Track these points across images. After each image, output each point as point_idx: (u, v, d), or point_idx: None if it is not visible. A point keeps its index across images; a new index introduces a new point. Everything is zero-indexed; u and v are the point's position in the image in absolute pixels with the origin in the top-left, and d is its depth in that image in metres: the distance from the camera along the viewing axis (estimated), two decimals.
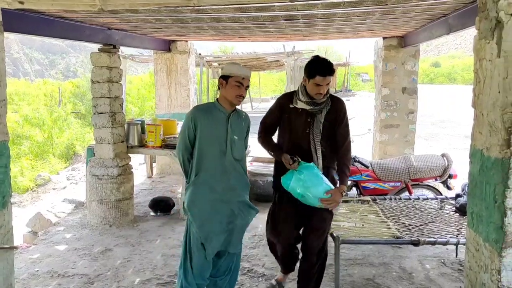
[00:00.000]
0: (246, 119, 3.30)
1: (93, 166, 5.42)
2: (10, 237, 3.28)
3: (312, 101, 3.22)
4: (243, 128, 3.24)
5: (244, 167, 3.27)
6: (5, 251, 3.19)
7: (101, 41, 5.29)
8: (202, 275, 3.17)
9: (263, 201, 6.27)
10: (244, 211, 3.25)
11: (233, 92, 3.05)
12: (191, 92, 7.97)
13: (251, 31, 5.47)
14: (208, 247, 3.10)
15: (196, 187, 3.10)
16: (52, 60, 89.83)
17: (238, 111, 3.24)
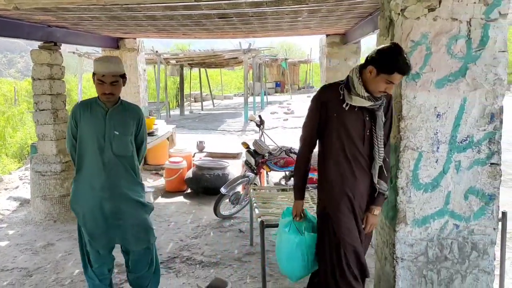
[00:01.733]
0: (134, 112, 3.14)
1: (36, 163, 5.46)
2: None
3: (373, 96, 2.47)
4: (127, 123, 3.08)
5: (132, 163, 3.14)
6: None
7: (41, 39, 5.33)
8: (101, 270, 3.22)
9: (210, 194, 6.46)
10: (133, 209, 3.12)
11: (98, 90, 2.95)
12: (141, 89, 8.05)
13: (191, 28, 5.63)
14: (94, 244, 3.11)
15: (77, 184, 3.08)
16: (10, 59, 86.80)
17: (124, 104, 3.12)
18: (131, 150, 3.13)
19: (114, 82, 2.93)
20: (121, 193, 3.07)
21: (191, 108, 20.51)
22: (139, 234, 3.17)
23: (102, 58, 3.02)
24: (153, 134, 6.76)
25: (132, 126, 3.12)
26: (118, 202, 3.07)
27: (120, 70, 2.99)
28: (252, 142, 5.36)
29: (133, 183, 3.15)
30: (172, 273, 4.15)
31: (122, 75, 3.00)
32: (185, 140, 9.98)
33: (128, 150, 3.11)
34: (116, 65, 2.96)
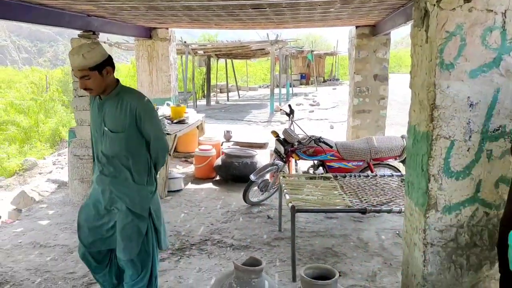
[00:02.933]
0: (127, 102, 2.72)
1: (75, 147, 5.71)
2: None
3: None
4: (119, 116, 2.72)
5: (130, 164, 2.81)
6: None
7: (80, 27, 5.54)
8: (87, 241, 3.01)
9: (238, 181, 6.61)
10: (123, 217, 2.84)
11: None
12: (172, 78, 8.24)
13: (224, 19, 5.75)
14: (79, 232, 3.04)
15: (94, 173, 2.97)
16: (40, 48, 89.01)
17: (120, 93, 2.76)
18: (127, 149, 2.78)
19: (84, 76, 2.62)
20: (113, 198, 2.85)
21: (217, 98, 20.72)
22: (123, 244, 2.86)
23: (71, 50, 2.66)
24: (184, 122, 6.94)
25: (125, 119, 2.72)
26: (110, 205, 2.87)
27: (88, 63, 2.58)
28: (282, 131, 5.48)
29: (130, 188, 2.84)
30: (204, 254, 4.32)
31: (94, 67, 2.61)
32: (212, 129, 10.16)
33: (122, 150, 2.77)
34: (81, 59, 2.57)
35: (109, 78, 2.71)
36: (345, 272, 3.93)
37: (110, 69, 2.70)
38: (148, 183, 2.90)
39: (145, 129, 2.79)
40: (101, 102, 2.78)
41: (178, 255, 4.31)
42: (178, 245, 4.53)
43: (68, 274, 3.91)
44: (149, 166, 2.90)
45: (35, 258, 4.23)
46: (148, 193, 2.89)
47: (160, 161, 2.97)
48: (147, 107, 2.80)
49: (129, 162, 2.81)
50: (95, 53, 2.62)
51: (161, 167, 3.07)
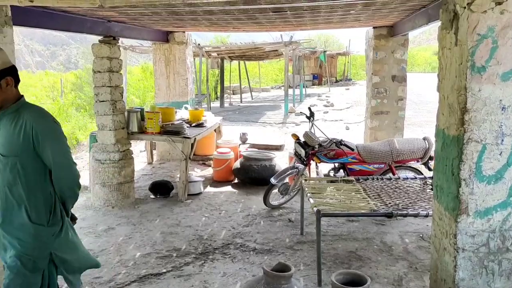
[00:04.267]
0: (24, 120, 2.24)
1: (96, 151, 5.76)
2: None
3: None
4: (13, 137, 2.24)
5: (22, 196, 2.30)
6: None
7: (101, 33, 5.59)
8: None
9: (257, 184, 6.62)
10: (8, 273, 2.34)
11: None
12: (189, 81, 8.28)
13: (243, 22, 5.77)
14: None
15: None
16: (53, 52, 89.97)
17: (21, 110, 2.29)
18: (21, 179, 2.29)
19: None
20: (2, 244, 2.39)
21: (230, 100, 20.75)
22: None
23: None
24: (202, 125, 6.96)
25: (19, 141, 2.24)
26: None
27: None
28: (303, 134, 5.46)
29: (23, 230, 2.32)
30: (228, 259, 4.33)
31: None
32: (226, 131, 10.17)
33: (15, 179, 2.28)
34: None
35: (9, 91, 2.27)
36: (371, 276, 3.90)
37: (11, 80, 2.28)
38: (50, 223, 2.36)
39: (44, 154, 2.27)
40: None
41: (202, 259, 4.32)
42: (201, 249, 4.54)
43: (95, 279, 3.94)
44: (53, 202, 2.37)
45: None
46: (48, 236, 2.35)
47: (68, 195, 2.43)
48: (48, 127, 2.30)
49: (23, 195, 2.30)
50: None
51: (73, 203, 2.53)
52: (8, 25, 3.37)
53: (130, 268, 4.14)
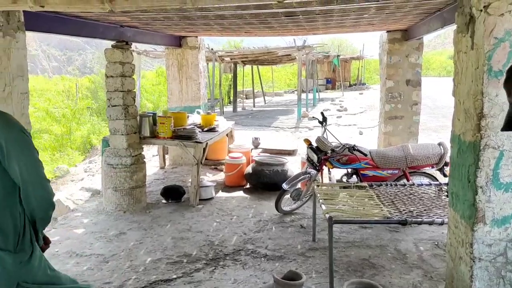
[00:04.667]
0: None
1: (108, 156, 5.77)
2: None
3: None
4: None
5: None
6: None
7: (114, 38, 5.62)
8: None
9: (269, 189, 6.57)
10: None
11: None
12: (202, 86, 8.28)
13: (255, 26, 5.74)
14: None
15: None
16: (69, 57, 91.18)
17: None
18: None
19: None
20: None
21: (243, 105, 20.76)
22: None
23: None
24: (214, 130, 6.94)
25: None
26: None
27: None
28: (315, 139, 5.40)
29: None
30: (239, 265, 4.28)
31: None
32: (239, 136, 10.15)
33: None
34: None
35: None
36: (385, 285, 3.82)
37: None
38: (18, 249, 2.06)
39: (10, 169, 1.98)
40: None
41: (212, 265, 4.28)
42: (212, 255, 4.50)
43: (105, 284, 3.93)
44: (22, 225, 2.09)
45: (72, 267, 4.27)
46: (15, 264, 2.05)
47: (39, 217, 2.13)
48: (15, 137, 2.02)
49: None
50: None
51: (45, 226, 2.22)
52: (20, 30, 3.39)
53: (140, 274, 4.12)
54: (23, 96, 3.44)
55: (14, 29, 3.32)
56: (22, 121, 3.43)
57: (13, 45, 3.31)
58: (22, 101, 3.44)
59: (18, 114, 3.38)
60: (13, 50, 3.30)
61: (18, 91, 3.38)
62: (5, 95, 3.26)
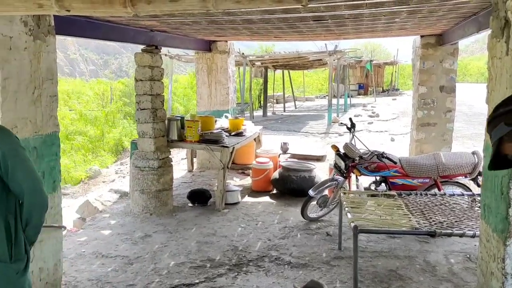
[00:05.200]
0: None
1: (136, 159, 5.84)
2: (59, 217, 3.70)
3: None
4: None
5: None
6: (54, 229, 3.61)
7: (144, 42, 5.69)
8: None
9: (295, 195, 6.49)
10: None
11: None
12: (230, 90, 8.29)
13: (284, 31, 5.69)
14: None
15: None
16: (106, 61, 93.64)
17: None
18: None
19: None
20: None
21: (273, 109, 20.71)
22: None
23: None
24: (241, 135, 6.93)
25: None
26: None
27: None
28: (343, 146, 5.30)
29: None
30: (262, 272, 4.23)
31: None
32: (268, 141, 10.11)
33: None
34: None
35: None
36: None
37: None
38: (14, 259, 2.03)
39: (14, 179, 1.99)
40: None
41: (235, 271, 4.24)
42: (235, 261, 4.47)
43: (128, 286, 3.95)
44: (12, 232, 2.04)
45: (97, 268, 4.33)
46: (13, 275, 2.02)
47: (36, 224, 2.11)
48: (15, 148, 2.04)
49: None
50: None
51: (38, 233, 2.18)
52: (51, 34, 3.46)
53: (164, 277, 4.13)
54: (51, 99, 3.51)
55: (45, 33, 3.39)
56: (50, 123, 3.52)
57: (43, 49, 3.38)
58: (51, 104, 3.51)
59: (46, 116, 3.45)
60: (43, 53, 3.37)
61: (47, 94, 3.45)
62: (35, 98, 3.33)
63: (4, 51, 3.02)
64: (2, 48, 2.99)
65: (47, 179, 3.50)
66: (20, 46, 3.16)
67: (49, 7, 2.23)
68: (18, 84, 3.16)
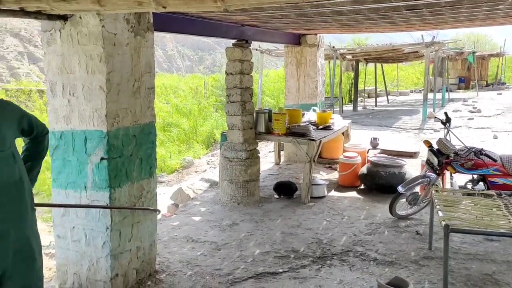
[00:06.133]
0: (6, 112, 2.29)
1: (225, 149, 6.07)
2: (154, 201, 3.98)
3: None
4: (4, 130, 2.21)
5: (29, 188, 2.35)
6: (150, 212, 3.88)
7: (235, 37, 5.87)
8: None
9: (384, 192, 6.31)
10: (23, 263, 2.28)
11: None
12: (319, 83, 8.25)
13: (376, 22, 5.53)
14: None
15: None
16: (200, 56, 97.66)
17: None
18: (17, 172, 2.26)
19: None
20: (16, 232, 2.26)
21: (364, 104, 20.15)
22: None
23: None
24: (329, 128, 6.87)
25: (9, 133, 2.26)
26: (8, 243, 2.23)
27: None
28: (436, 141, 5.04)
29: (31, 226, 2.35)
30: (346, 266, 4.19)
31: None
32: (357, 136, 9.90)
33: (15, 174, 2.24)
34: None
35: None
36: None
37: None
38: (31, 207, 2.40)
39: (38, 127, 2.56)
40: None
41: (319, 263, 4.25)
42: (319, 253, 4.47)
43: (215, 271, 4.14)
44: None
45: (188, 251, 4.58)
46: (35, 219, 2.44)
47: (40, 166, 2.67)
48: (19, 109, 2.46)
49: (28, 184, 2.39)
50: None
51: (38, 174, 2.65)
52: (149, 31, 3.72)
53: (249, 264, 4.26)
54: (149, 91, 3.78)
55: (144, 29, 3.65)
56: (147, 114, 3.79)
57: (143, 44, 3.65)
58: (149, 96, 3.77)
59: (144, 107, 3.72)
60: (142, 48, 3.64)
61: (145, 86, 3.72)
62: (135, 90, 3.61)
63: (110, 47, 3.30)
64: (108, 44, 3.28)
65: (144, 165, 3.78)
66: (122, 42, 3.44)
67: (148, 5, 2.40)
68: (121, 77, 3.45)
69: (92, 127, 3.39)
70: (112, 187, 3.43)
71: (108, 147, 3.38)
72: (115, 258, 3.53)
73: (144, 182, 3.80)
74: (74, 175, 3.50)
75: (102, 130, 3.36)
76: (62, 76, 3.45)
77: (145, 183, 3.82)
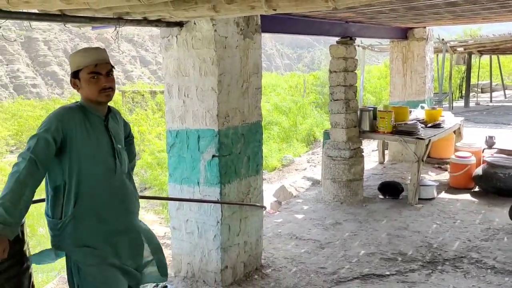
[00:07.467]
0: (121, 118, 2.59)
1: (328, 148, 6.03)
2: (261, 198, 4.10)
3: None
4: (121, 132, 2.53)
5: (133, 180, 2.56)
6: (257, 208, 4.01)
7: (339, 34, 5.80)
8: None
9: (502, 195, 5.83)
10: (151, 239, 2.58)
11: (92, 88, 2.27)
12: (427, 79, 7.83)
13: (495, 11, 5.10)
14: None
15: (78, 220, 2.25)
16: (299, 54, 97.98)
17: (112, 109, 2.48)
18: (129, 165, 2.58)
19: (110, 72, 2.33)
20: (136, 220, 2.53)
21: (477, 99, 18.67)
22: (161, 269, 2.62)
23: (84, 49, 2.37)
24: (439, 126, 6.49)
25: (123, 133, 2.58)
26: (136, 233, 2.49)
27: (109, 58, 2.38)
28: None
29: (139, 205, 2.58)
30: (460, 273, 3.95)
31: None
32: (469, 134, 9.22)
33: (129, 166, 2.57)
34: (105, 52, 2.36)
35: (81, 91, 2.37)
36: None
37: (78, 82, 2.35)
38: None
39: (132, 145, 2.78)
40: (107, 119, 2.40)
41: (429, 268, 4.06)
42: (429, 258, 4.26)
43: (320, 269, 4.14)
44: None
45: (292, 248, 4.64)
46: None
47: None
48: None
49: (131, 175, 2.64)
50: None
51: None
52: (257, 32, 3.83)
53: (353, 265, 4.20)
54: (257, 91, 3.90)
55: (252, 31, 3.77)
56: (255, 113, 3.92)
57: (251, 46, 3.77)
58: (256, 96, 3.89)
59: (252, 107, 3.85)
60: (250, 50, 3.76)
61: (253, 86, 3.84)
62: (243, 90, 3.74)
63: (221, 50, 3.47)
64: (219, 47, 3.45)
65: (251, 163, 3.91)
66: (232, 45, 3.59)
67: (259, 8, 2.48)
68: (231, 78, 3.60)
69: (204, 126, 3.59)
70: (223, 183, 3.60)
71: (219, 145, 3.55)
72: (225, 251, 3.70)
73: (251, 179, 3.93)
74: (188, 171, 3.74)
75: (214, 129, 3.54)
76: (178, 79, 3.69)
77: (252, 180, 3.95)
